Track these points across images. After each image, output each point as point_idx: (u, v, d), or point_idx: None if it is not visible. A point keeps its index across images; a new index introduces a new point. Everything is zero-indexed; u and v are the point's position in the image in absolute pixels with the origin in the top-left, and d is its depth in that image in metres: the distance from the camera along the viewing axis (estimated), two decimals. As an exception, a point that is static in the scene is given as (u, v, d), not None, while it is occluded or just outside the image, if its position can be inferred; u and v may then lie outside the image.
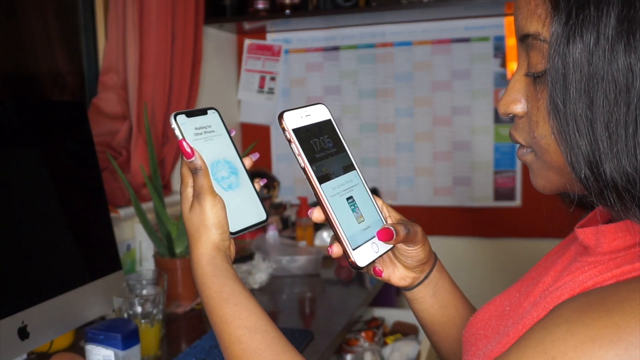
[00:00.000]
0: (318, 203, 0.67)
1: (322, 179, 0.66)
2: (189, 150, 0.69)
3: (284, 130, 0.66)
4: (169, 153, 2.00)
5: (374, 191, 2.10)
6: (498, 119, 2.45)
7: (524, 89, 0.58)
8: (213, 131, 0.74)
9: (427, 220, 2.48)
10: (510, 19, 2.36)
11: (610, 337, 0.44)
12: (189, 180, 0.72)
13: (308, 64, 2.65)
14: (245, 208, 0.74)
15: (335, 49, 2.60)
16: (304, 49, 2.64)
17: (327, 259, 1.93)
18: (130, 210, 1.75)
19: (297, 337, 1.32)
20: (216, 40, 2.51)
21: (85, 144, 1.32)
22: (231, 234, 0.72)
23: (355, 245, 0.67)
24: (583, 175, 0.51)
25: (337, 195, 0.67)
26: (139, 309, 1.22)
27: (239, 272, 1.75)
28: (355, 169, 0.71)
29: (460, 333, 0.76)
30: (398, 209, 0.78)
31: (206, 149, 0.72)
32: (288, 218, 2.43)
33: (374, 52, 2.56)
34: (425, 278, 0.77)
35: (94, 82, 1.96)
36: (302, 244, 2.08)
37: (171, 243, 1.53)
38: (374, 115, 2.59)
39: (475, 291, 1.48)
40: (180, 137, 0.70)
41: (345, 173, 0.70)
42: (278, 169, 2.72)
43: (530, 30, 0.54)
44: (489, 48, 2.43)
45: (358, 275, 1.81)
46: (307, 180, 0.66)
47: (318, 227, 2.15)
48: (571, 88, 0.50)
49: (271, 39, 2.67)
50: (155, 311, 1.23)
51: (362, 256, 0.67)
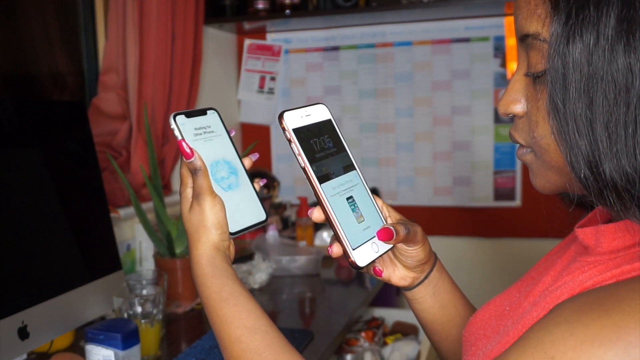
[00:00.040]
0: (318, 203, 0.67)
1: (322, 179, 0.66)
2: (188, 150, 0.69)
3: (284, 130, 0.66)
4: (169, 153, 2.00)
5: (374, 191, 2.10)
6: (498, 119, 2.45)
7: (524, 89, 0.58)
8: (212, 131, 0.74)
9: (427, 220, 2.48)
10: (510, 19, 2.36)
11: (610, 337, 0.44)
12: (189, 181, 0.72)
13: (308, 64, 2.65)
14: (244, 208, 0.74)
15: (335, 49, 2.60)
16: (304, 49, 2.64)
17: (327, 259, 1.93)
18: (130, 210, 1.75)
19: (297, 337, 1.32)
20: (216, 40, 2.51)
21: (85, 144, 1.32)
22: (231, 234, 0.72)
23: (355, 245, 0.67)
24: (583, 175, 0.51)
25: (337, 195, 0.67)
26: (139, 309, 1.22)
27: (239, 272, 1.75)
28: (355, 169, 0.71)
29: (461, 333, 0.76)
30: (398, 209, 0.78)
31: (206, 149, 0.72)
32: (288, 218, 2.43)
33: (374, 52, 2.56)
34: (425, 278, 0.77)
35: (94, 82, 1.96)
36: (302, 244, 2.08)
37: (171, 243, 1.53)
38: (374, 115, 2.59)
39: (475, 291, 1.48)
40: (179, 138, 0.70)
41: (345, 173, 0.70)
42: (278, 169, 2.72)
43: (530, 30, 0.54)
44: (489, 48, 2.43)
45: (358, 275, 1.81)
46: (307, 180, 0.66)
47: (318, 227, 2.15)
48: (571, 88, 0.50)
49: (271, 39, 2.67)
50: (155, 311, 1.23)
51: (362, 256, 0.67)
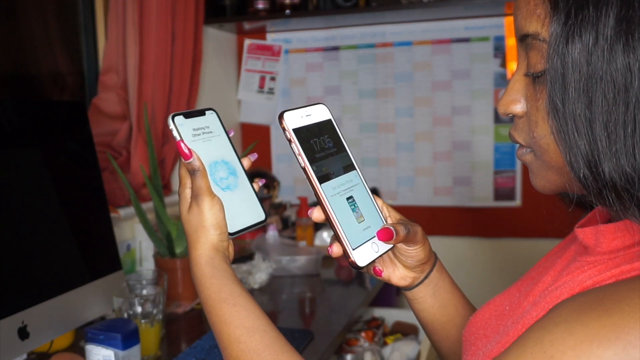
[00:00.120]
0: (318, 203, 0.67)
1: (322, 179, 0.66)
2: (186, 151, 0.69)
3: (284, 130, 0.66)
4: (169, 153, 2.00)
5: (374, 191, 2.10)
6: (498, 119, 2.45)
7: (524, 89, 0.58)
8: (211, 132, 0.74)
9: (427, 220, 2.48)
10: (510, 19, 2.36)
11: (609, 337, 0.44)
12: (187, 181, 0.72)
13: (308, 64, 2.65)
14: (243, 208, 0.74)
15: (335, 49, 2.60)
16: (304, 49, 2.64)
17: (327, 259, 1.93)
18: (130, 210, 1.75)
19: (297, 337, 1.32)
20: (216, 40, 2.51)
21: (85, 144, 1.32)
22: (230, 234, 0.71)
23: (355, 245, 0.67)
24: (582, 174, 0.51)
25: (337, 195, 0.67)
26: (139, 309, 1.22)
27: (239, 272, 1.75)
28: (355, 169, 0.71)
29: (461, 333, 0.76)
30: (398, 209, 0.78)
31: (204, 149, 0.72)
32: (288, 218, 2.43)
33: (374, 52, 2.56)
34: (425, 278, 0.77)
35: (94, 82, 1.96)
36: (302, 244, 2.08)
37: (171, 243, 1.53)
38: (374, 115, 2.59)
39: (475, 291, 1.48)
40: (178, 139, 0.70)
41: (345, 173, 0.70)
42: (278, 169, 2.72)
43: (529, 30, 0.54)
44: (489, 48, 2.43)
45: (358, 275, 1.82)
46: (307, 180, 0.66)
47: (318, 227, 2.15)
48: (570, 88, 0.50)
49: (271, 39, 2.67)
50: (155, 311, 1.23)
51: (362, 256, 0.67)
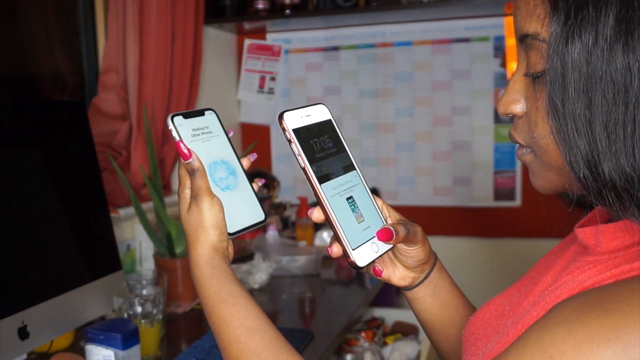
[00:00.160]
0: (318, 203, 0.67)
1: (322, 179, 0.66)
2: (186, 151, 0.69)
3: (284, 130, 0.66)
4: (169, 153, 2.00)
5: (374, 191, 2.10)
6: (498, 119, 2.45)
7: (523, 89, 0.58)
8: (210, 132, 0.74)
9: (427, 220, 2.48)
10: (510, 19, 2.36)
11: (609, 337, 0.44)
12: (187, 182, 0.72)
13: (308, 64, 2.65)
14: (243, 208, 0.74)
15: (335, 49, 2.60)
16: (304, 49, 2.64)
17: (327, 259, 1.93)
18: (130, 210, 1.75)
19: (297, 337, 1.32)
20: (216, 40, 2.51)
21: (85, 144, 1.32)
22: (229, 234, 0.71)
23: (355, 245, 0.67)
24: (582, 175, 0.51)
25: (337, 195, 0.67)
26: (139, 309, 1.22)
27: (239, 272, 1.75)
28: (355, 169, 0.71)
29: (461, 333, 0.76)
30: (398, 209, 0.78)
31: (204, 150, 0.72)
32: (288, 218, 2.43)
33: (374, 52, 2.56)
34: (425, 278, 0.77)
35: (94, 82, 1.97)
36: (302, 244, 2.08)
37: (171, 243, 1.53)
38: (374, 115, 2.59)
39: (475, 291, 1.48)
40: (177, 139, 0.70)
41: (345, 173, 0.70)
42: (278, 169, 2.72)
43: (529, 31, 0.54)
44: (489, 48, 2.43)
45: (358, 275, 1.82)
46: (307, 180, 0.66)
47: (318, 227, 2.15)
48: (570, 88, 0.50)
49: (271, 39, 2.67)
50: (155, 311, 1.23)
51: (362, 256, 0.67)
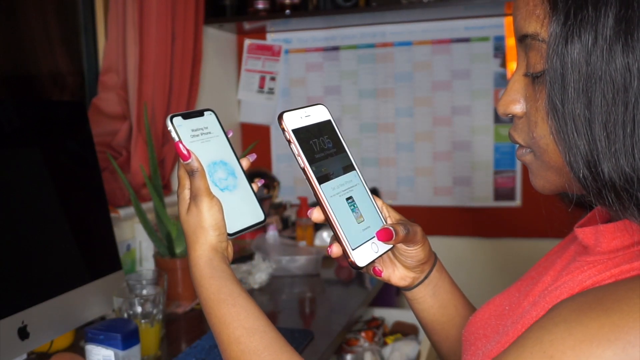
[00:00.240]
0: (318, 203, 0.67)
1: (322, 179, 0.66)
2: (185, 152, 0.69)
3: (283, 130, 0.66)
4: (169, 153, 2.00)
5: (374, 191, 2.10)
6: (498, 119, 2.45)
7: (523, 89, 0.58)
8: (210, 132, 0.74)
9: (427, 220, 2.48)
10: (510, 19, 2.35)
11: (608, 336, 0.44)
12: (186, 182, 0.72)
13: (308, 64, 2.65)
14: (242, 209, 0.73)
15: (335, 49, 2.60)
16: (304, 49, 2.64)
17: (327, 259, 1.93)
18: (130, 210, 1.75)
19: (297, 337, 1.32)
20: (216, 40, 2.51)
21: (85, 144, 1.32)
22: (229, 235, 0.71)
23: (354, 245, 0.67)
24: (581, 175, 0.51)
25: (337, 196, 0.67)
26: (139, 309, 1.22)
27: (239, 272, 1.75)
28: (355, 169, 0.71)
29: (460, 333, 0.76)
30: (398, 209, 0.78)
31: (203, 150, 0.72)
32: (288, 218, 2.43)
33: (374, 52, 2.56)
34: (425, 278, 0.77)
35: (94, 82, 1.97)
36: (302, 244, 2.08)
37: (171, 243, 1.53)
38: (374, 115, 2.59)
39: (475, 291, 1.48)
40: (176, 139, 0.70)
41: (345, 173, 0.70)
42: (278, 169, 2.72)
43: (528, 31, 0.54)
44: (489, 48, 2.43)
45: (358, 275, 1.82)
46: (307, 181, 0.66)
47: (318, 227, 2.15)
48: (569, 88, 0.50)
49: (271, 39, 2.67)
50: (155, 311, 1.23)
51: (362, 256, 0.67)
